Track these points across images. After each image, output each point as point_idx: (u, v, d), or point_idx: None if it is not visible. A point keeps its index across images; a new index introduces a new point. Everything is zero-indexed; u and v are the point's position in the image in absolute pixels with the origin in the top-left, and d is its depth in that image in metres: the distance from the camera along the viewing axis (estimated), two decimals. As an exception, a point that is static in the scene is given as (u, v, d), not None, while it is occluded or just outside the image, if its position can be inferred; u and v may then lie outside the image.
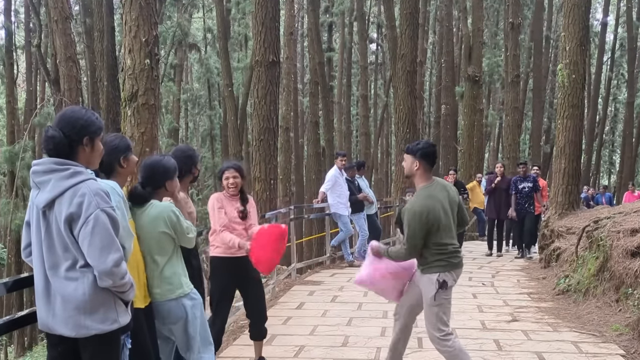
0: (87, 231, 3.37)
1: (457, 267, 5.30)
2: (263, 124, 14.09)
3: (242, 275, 6.21)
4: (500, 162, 16.55)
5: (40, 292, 3.50)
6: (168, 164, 4.64)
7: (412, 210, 5.17)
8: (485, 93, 33.23)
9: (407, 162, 5.36)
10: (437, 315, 5.20)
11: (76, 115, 3.53)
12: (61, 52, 16.99)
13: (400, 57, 17.74)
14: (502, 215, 14.99)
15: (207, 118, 39.12)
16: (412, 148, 5.33)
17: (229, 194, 6.17)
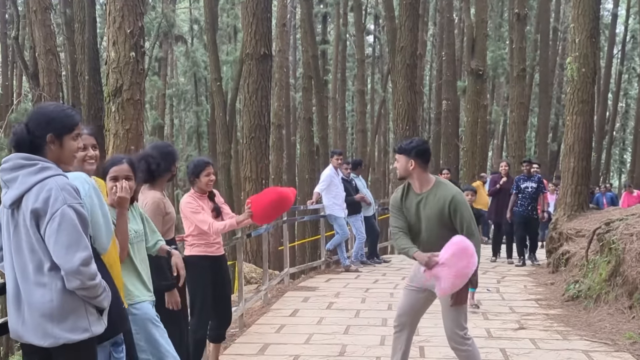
0: (53, 228, 3.34)
1: None
2: (254, 121, 14.10)
3: (220, 274, 6.29)
4: (505, 161, 16.14)
5: (10, 299, 3.47)
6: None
7: (461, 198, 5.28)
8: (489, 88, 33.26)
9: (400, 163, 5.38)
10: (462, 313, 5.32)
11: (43, 111, 3.55)
12: (40, 45, 16.96)
13: (399, 50, 17.74)
14: (505, 218, 14.45)
15: (193, 114, 39.03)
16: (405, 147, 5.35)
17: (199, 193, 6.26)
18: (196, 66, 36.71)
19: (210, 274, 6.20)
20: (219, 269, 6.27)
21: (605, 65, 37.34)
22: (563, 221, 12.97)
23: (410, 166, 5.31)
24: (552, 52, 34.86)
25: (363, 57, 33.51)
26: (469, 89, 23.94)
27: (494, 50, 30.89)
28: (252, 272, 12.88)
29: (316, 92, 28.31)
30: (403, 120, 17.60)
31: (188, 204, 6.14)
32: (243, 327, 8.52)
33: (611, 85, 40.92)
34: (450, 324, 5.34)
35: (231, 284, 6.59)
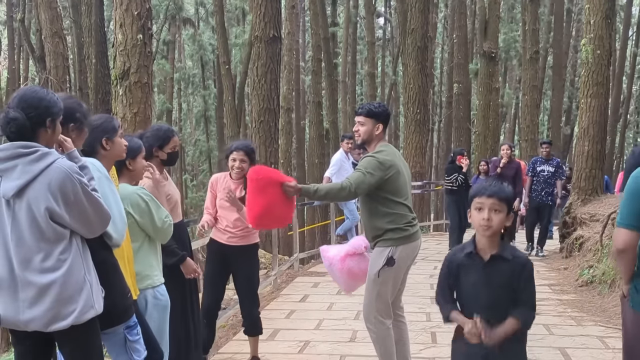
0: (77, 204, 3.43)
1: (413, 240, 5.23)
2: (263, 105, 14.07)
3: (234, 265, 6.19)
4: (506, 144, 14.38)
5: (6, 288, 3.46)
6: (130, 143, 4.61)
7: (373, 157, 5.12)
8: (501, 70, 33.09)
9: (366, 127, 5.25)
10: (380, 299, 5.20)
11: (38, 95, 3.50)
12: (46, 27, 16.93)
13: (410, 32, 17.67)
14: None
15: (201, 98, 39.06)
16: (375, 110, 5.25)
17: (232, 178, 6.10)
18: (203, 49, 36.69)
19: (221, 261, 6.14)
20: (230, 259, 6.13)
21: (620, 47, 37.05)
22: (577, 205, 12.88)
23: (377, 131, 5.25)
24: (566, 33, 34.59)
25: (373, 39, 33.39)
26: (481, 72, 23.81)
27: (507, 32, 30.71)
28: (262, 258, 12.89)
29: (326, 75, 28.23)
30: (414, 104, 17.55)
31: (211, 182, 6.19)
32: (253, 312, 8.52)
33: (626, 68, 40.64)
34: (366, 303, 5.31)
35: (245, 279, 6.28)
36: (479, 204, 3.58)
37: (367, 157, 5.14)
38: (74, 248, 3.47)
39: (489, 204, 3.54)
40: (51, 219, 3.38)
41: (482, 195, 3.57)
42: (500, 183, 3.66)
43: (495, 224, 3.52)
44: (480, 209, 3.57)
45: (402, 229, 5.16)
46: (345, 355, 6.64)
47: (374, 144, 5.27)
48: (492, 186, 3.59)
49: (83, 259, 3.52)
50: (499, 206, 3.55)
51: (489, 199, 3.54)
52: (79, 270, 3.47)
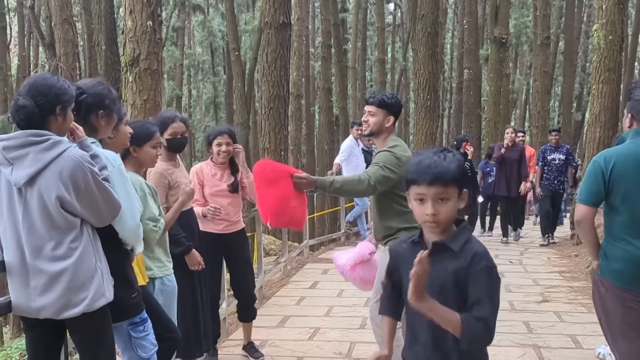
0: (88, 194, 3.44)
1: None
2: (273, 91, 14.06)
3: (227, 252, 6.14)
4: (511, 127, 14.01)
5: (17, 275, 3.48)
6: (138, 130, 4.60)
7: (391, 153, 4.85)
8: (512, 56, 32.92)
9: (377, 117, 4.97)
10: None
11: (48, 83, 3.48)
12: (56, 14, 16.94)
13: (420, 18, 17.55)
14: (512, 192, 13.27)
15: (210, 85, 39.06)
16: (388, 101, 4.98)
17: (217, 163, 6.01)
18: (212, 36, 36.66)
19: (217, 252, 6.04)
20: (226, 246, 6.06)
21: (632, 32, 36.78)
22: (588, 192, 12.83)
23: (387, 123, 4.98)
24: (577, 19, 34.38)
25: (383, 25, 33.29)
26: (492, 58, 23.68)
27: (518, 18, 30.51)
28: (272, 244, 12.91)
29: (336, 61, 28.15)
30: (424, 90, 17.45)
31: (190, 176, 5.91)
32: (262, 299, 8.55)
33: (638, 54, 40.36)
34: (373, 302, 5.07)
35: (249, 262, 6.36)
36: (419, 195, 2.70)
37: (384, 152, 4.87)
38: (84, 236, 3.48)
39: (431, 194, 2.67)
40: (62, 208, 3.39)
41: (420, 183, 2.68)
42: (443, 157, 2.70)
43: (443, 218, 2.69)
44: (421, 199, 2.70)
45: (416, 228, 4.78)
46: (356, 342, 6.65)
47: (383, 136, 5.01)
48: (433, 166, 2.67)
49: (94, 247, 3.53)
50: (446, 193, 2.68)
51: (431, 188, 2.66)
52: (90, 258, 3.48)
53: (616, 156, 3.99)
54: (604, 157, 4.04)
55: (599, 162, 4.04)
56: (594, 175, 4.05)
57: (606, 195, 4.02)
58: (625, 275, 3.93)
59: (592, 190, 4.05)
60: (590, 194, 4.06)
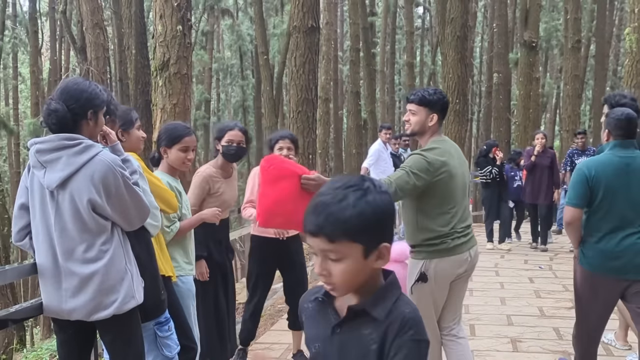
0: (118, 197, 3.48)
1: (453, 253, 4.44)
2: (301, 95, 14.06)
3: (283, 258, 6.01)
4: (541, 132, 13.25)
5: (49, 277, 3.52)
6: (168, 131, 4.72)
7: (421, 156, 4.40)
8: (542, 60, 32.70)
9: (419, 116, 4.55)
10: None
11: (80, 87, 3.53)
12: (87, 19, 17.10)
13: (449, 22, 17.49)
14: (541, 199, 12.60)
15: (239, 88, 39.22)
16: (430, 98, 4.53)
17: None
18: (241, 40, 36.82)
19: (269, 257, 5.94)
20: (280, 252, 5.92)
21: (665, 36, 36.38)
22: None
23: (430, 122, 4.53)
24: (609, 22, 34.03)
25: (412, 29, 33.22)
26: (522, 61, 23.53)
27: (548, 21, 30.29)
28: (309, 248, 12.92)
29: (364, 65, 28.14)
30: (453, 94, 17.38)
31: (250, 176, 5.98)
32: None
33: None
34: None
35: (304, 267, 6.16)
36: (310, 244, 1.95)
37: (414, 155, 4.43)
38: (115, 239, 3.52)
39: (317, 249, 1.90)
40: (93, 211, 3.43)
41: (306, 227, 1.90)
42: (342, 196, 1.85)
43: (338, 282, 1.91)
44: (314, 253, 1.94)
45: (438, 244, 4.41)
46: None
47: (426, 136, 4.57)
48: (318, 210, 1.86)
49: (124, 249, 3.57)
50: (335, 251, 1.86)
51: (315, 240, 1.89)
52: (120, 260, 3.52)
53: (596, 165, 4.72)
54: (586, 166, 4.76)
55: (583, 170, 4.74)
56: (580, 182, 4.72)
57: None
58: (595, 263, 4.70)
59: (580, 194, 4.71)
60: (579, 197, 4.71)
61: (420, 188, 4.31)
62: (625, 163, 4.63)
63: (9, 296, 15.28)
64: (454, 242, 4.42)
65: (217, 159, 5.45)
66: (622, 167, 4.67)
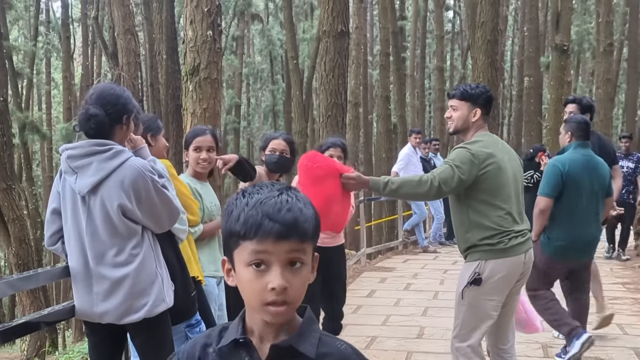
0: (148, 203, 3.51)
1: (510, 254, 4.19)
2: (330, 99, 14.06)
3: (324, 266, 5.87)
4: None
5: (80, 281, 3.57)
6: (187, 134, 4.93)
7: (465, 148, 4.22)
8: (573, 64, 32.39)
9: (461, 112, 4.35)
10: (464, 320, 4.27)
11: (117, 92, 3.60)
12: (119, 25, 17.27)
13: (479, 25, 17.42)
14: None
15: (269, 93, 39.34)
16: (471, 92, 4.33)
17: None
18: (272, 44, 36.91)
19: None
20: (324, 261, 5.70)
21: (699, 38, 35.89)
22: (654, 202, 12.55)
23: (473, 117, 4.32)
24: (642, 25, 33.68)
25: (442, 33, 33.10)
26: (553, 65, 23.34)
27: (580, 25, 29.99)
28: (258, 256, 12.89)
29: (394, 69, 28.07)
30: (483, 98, 17.32)
31: None
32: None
33: None
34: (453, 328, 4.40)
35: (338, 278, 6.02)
36: (257, 256, 1.63)
37: (457, 149, 4.25)
38: (145, 243, 3.55)
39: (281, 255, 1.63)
40: (123, 215, 3.46)
41: (261, 236, 1.61)
42: (294, 197, 1.69)
43: (295, 295, 1.65)
44: (259, 264, 1.63)
45: (495, 243, 4.16)
46: (413, 352, 6.61)
47: (470, 132, 4.35)
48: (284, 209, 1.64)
49: (154, 253, 3.60)
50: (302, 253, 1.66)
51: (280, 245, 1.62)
52: (150, 264, 3.55)
53: (569, 162, 5.62)
54: (561, 162, 5.66)
55: (557, 165, 5.65)
56: (555, 175, 5.61)
57: None
58: (557, 248, 5.67)
59: (554, 186, 5.56)
60: (553, 189, 5.57)
61: (466, 182, 4.11)
62: (587, 160, 5.34)
63: (41, 299, 15.44)
64: (512, 241, 4.16)
65: (264, 167, 5.39)
66: (586, 164, 5.58)
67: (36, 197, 26.53)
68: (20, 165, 27.23)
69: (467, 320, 4.22)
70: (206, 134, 4.75)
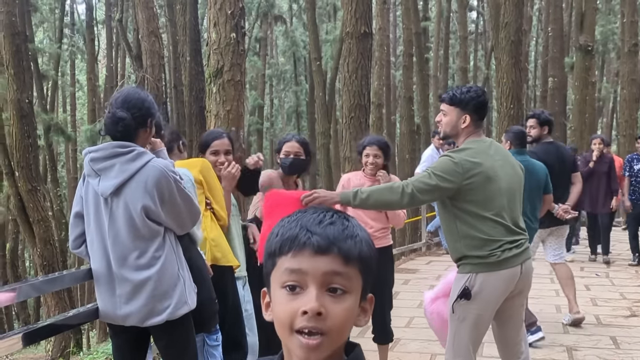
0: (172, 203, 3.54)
1: (503, 267, 4.02)
2: (354, 100, 14.04)
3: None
4: (598, 137, 12.51)
5: (104, 284, 3.59)
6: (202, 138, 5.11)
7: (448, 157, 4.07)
8: (598, 64, 32.15)
9: (449, 117, 4.18)
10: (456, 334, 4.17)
11: (142, 96, 3.64)
12: (143, 27, 17.34)
13: (503, 26, 17.32)
14: (600, 207, 11.96)
15: (292, 94, 39.41)
16: (461, 97, 4.14)
17: (367, 174, 5.65)
18: (295, 46, 36.96)
19: None
20: None
21: None
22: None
23: (463, 123, 4.14)
24: (668, 25, 33.37)
25: (465, 33, 32.96)
26: (577, 66, 23.20)
27: (604, 25, 29.73)
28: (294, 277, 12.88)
29: (417, 70, 28.02)
30: (507, 99, 17.19)
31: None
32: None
33: None
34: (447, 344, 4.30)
35: (383, 282, 5.86)
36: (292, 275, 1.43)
37: (441, 157, 4.12)
38: (167, 245, 3.57)
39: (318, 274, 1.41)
40: (147, 217, 3.48)
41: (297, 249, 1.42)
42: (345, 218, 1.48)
43: (334, 326, 1.40)
44: (293, 287, 1.43)
45: (486, 256, 4.00)
46: (436, 354, 6.59)
47: (461, 139, 4.18)
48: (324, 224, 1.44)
49: (177, 255, 3.62)
50: (345, 277, 1.42)
51: (324, 257, 1.41)
52: (172, 266, 3.56)
53: None
54: None
55: None
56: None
57: None
58: None
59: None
60: None
61: (447, 191, 3.96)
62: (524, 166, 4.88)
63: (66, 300, 15.56)
64: (505, 253, 3.99)
65: (279, 171, 5.43)
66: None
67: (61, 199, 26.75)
68: (45, 167, 27.45)
69: (459, 334, 4.12)
70: (223, 137, 4.80)
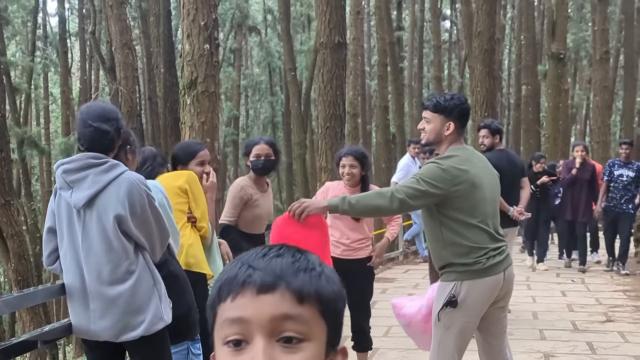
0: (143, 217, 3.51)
1: (488, 274, 4.01)
2: (329, 111, 14.07)
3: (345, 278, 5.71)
4: (580, 145, 12.34)
5: (77, 298, 3.56)
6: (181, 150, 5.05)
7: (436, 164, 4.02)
8: (570, 71, 32.47)
9: (433, 124, 4.13)
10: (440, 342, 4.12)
11: (113, 109, 3.68)
12: (117, 39, 17.29)
13: (476, 35, 17.45)
14: (581, 216, 11.81)
15: (268, 105, 39.39)
16: (445, 104, 4.09)
17: (345, 185, 5.60)
18: (270, 56, 36.99)
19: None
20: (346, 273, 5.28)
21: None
22: (652, 209, 12.53)
23: (446, 130, 4.10)
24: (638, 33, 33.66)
25: (439, 42, 33.16)
26: (550, 73, 23.42)
27: (576, 33, 30.07)
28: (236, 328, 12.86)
29: (392, 79, 28.13)
30: (481, 107, 17.31)
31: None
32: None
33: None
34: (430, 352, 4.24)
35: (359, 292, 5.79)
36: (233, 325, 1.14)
37: (428, 164, 4.08)
38: (140, 259, 3.54)
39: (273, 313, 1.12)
40: (119, 228, 3.45)
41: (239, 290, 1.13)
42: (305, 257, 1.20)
43: None
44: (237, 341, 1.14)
45: (471, 263, 3.98)
46: (414, 363, 6.59)
47: (444, 146, 4.15)
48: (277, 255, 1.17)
49: (150, 270, 3.59)
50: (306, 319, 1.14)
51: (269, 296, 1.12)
52: (147, 281, 3.54)
53: None
54: None
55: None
56: None
57: None
58: None
59: None
60: None
61: (435, 198, 3.93)
62: None
63: (41, 315, 15.41)
64: (489, 261, 3.98)
65: (249, 174, 5.55)
66: None
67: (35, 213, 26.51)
68: (19, 181, 27.22)
69: (444, 342, 4.08)
70: (205, 148, 4.89)
